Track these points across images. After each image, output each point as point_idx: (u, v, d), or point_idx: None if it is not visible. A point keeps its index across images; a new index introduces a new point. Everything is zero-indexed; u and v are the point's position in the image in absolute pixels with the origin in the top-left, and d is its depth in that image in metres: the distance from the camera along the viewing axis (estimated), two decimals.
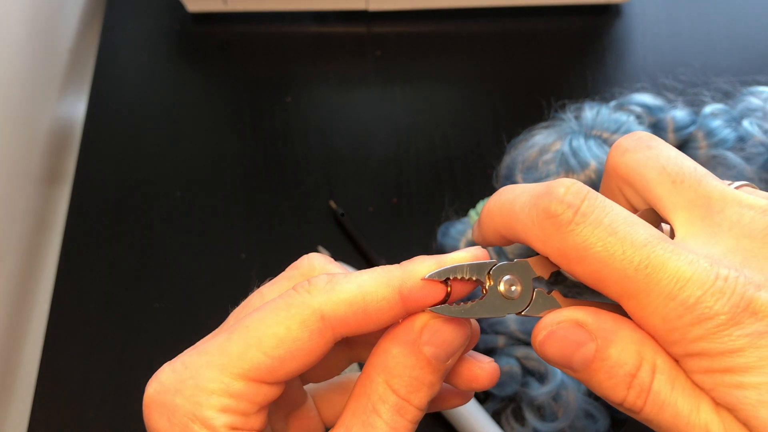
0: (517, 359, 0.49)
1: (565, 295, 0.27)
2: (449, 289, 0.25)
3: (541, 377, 0.48)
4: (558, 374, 0.48)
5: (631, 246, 0.24)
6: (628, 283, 0.24)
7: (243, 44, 0.68)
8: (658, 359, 0.24)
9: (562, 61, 0.67)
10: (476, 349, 0.52)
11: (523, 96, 0.64)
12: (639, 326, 0.25)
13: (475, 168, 0.60)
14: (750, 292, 0.22)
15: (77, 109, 0.71)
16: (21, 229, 0.59)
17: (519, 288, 0.26)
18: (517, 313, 0.26)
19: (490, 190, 0.58)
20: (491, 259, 0.26)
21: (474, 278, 0.26)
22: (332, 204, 0.59)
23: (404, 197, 0.60)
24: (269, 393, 0.25)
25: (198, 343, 0.26)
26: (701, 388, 0.24)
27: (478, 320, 0.28)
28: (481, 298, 0.26)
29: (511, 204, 0.27)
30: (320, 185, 0.60)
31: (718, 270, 0.23)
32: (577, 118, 0.53)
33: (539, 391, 0.47)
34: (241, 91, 0.66)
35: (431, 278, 0.25)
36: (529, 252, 0.50)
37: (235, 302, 0.29)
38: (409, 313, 0.25)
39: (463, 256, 0.26)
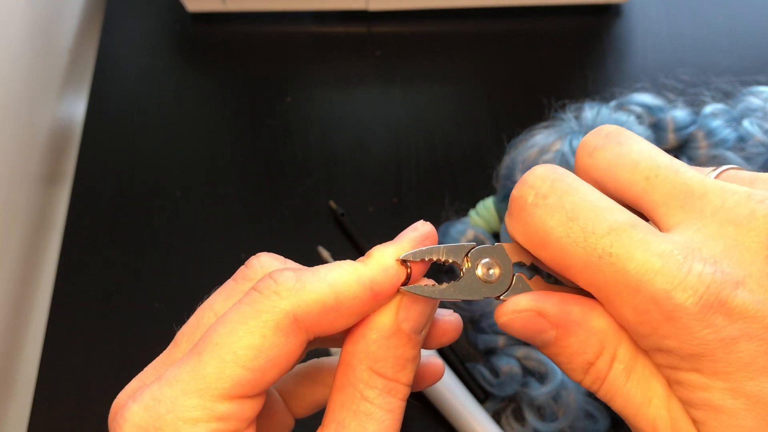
0: (517, 359, 0.49)
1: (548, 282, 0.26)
2: (409, 270, 0.25)
3: (542, 377, 0.48)
4: (558, 374, 0.48)
5: (593, 233, 0.22)
6: (594, 272, 0.22)
7: (243, 44, 0.68)
8: (620, 349, 0.24)
9: (562, 61, 0.67)
10: (476, 349, 0.52)
11: (523, 96, 0.64)
12: (610, 315, 0.24)
13: (475, 168, 0.60)
14: (725, 292, 0.21)
15: (77, 109, 0.71)
16: (21, 229, 0.59)
17: (497, 272, 0.25)
18: (495, 297, 0.26)
19: (490, 190, 0.58)
20: (438, 236, 0.26)
21: (450, 260, 0.25)
22: (332, 204, 0.59)
23: (404, 197, 0.60)
24: (255, 406, 0.24)
25: (160, 374, 0.24)
26: (667, 380, 0.23)
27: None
28: (457, 280, 0.25)
29: None
30: (320, 185, 0.60)
31: (691, 264, 0.21)
32: (577, 118, 0.53)
33: (539, 392, 0.47)
34: (241, 91, 0.66)
35: (406, 258, 0.25)
36: None
37: None
38: (379, 306, 0.25)
39: (413, 235, 0.25)
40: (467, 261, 0.25)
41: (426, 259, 0.25)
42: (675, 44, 0.67)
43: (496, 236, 0.55)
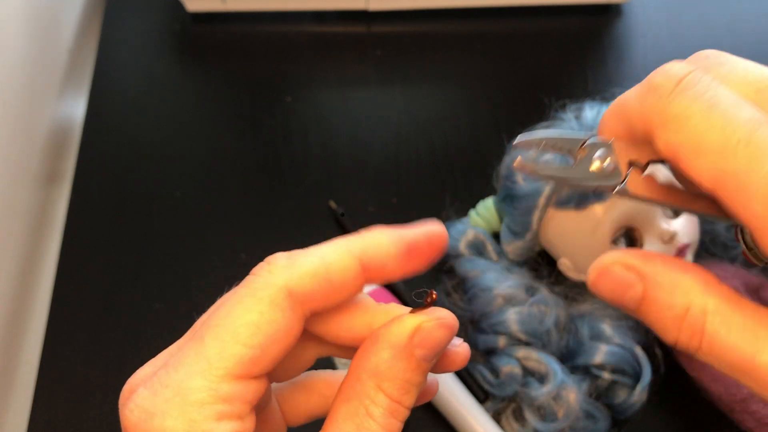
0: (518, 360, 0.49)
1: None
2: (434, 296, 0.25)
3: (542, 378, 0.48)
4: (558, 374, 0.47)
5: (731, 121, 0.22)
6: (729, 157, 0.21)
7: (243, 44, 0.68)
8: (710, 302, 0.23)
9: (563, 61, 0.67)
10: (477, 349, 0.52)
11: (524, 96, 0.64)
12: (737, 215, 0.22)
13: (475, 168, 0.60)
14: None
15: (77, 109, 0.71)
16: (21, 229, 0.59)
17: (613, 164, 0.25)
18: (609, 189, 0.25)
19: (490, 190, 0.58)
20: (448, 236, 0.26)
21: (565, 149, 0.25)
22: (332, 204, 0.59)
23: (404, 197, 0.60)
24: (258, 388, 0.24)
25: (167, 360, 0.25)
26: None
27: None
28: (571, 166, 0.24)
29: (622, 99, 0.26)
30: (320, 185, 0.60)
31: None
32: (577, 117, 0.53)
33: (539, 392, 0.47)
34: (241, 91, 0.66)
35: (521, 142, 0.24)
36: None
37: None
38: (368, 283, 0.25)
39: (418, 229, 0.26)
40: (582, 151, 0.25)
41: (539, 147, 0.24)
42: (675, 44, 0.67)
43: (496, 236, 0.55)
